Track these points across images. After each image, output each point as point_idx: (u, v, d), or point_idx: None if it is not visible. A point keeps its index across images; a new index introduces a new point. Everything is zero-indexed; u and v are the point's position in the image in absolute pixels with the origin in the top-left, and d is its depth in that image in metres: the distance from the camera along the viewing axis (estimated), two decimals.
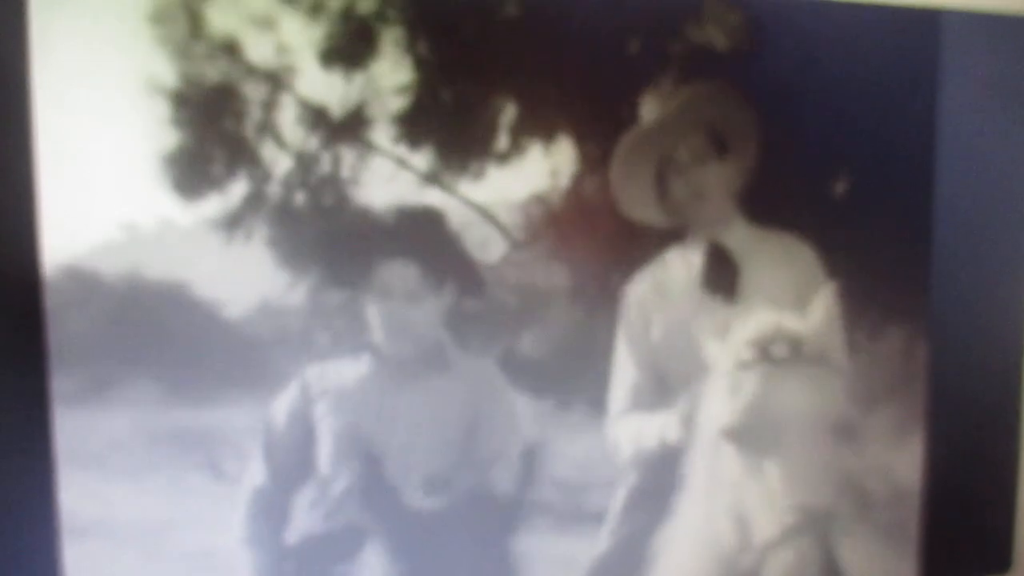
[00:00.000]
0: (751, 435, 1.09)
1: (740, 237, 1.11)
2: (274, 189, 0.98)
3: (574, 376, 1.08)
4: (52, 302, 0.93)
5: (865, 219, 1.16)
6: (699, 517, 1.12)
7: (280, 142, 0.97)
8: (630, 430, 1.10)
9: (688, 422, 1.11)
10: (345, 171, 0.99)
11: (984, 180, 1.21)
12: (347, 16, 0.97)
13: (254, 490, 1.01)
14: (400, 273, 1.02)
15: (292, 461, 1.02)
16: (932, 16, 1.16)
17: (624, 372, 1.10)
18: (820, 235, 1.14)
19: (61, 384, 0.94)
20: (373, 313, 1.02)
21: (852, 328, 1.16)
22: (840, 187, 1.14)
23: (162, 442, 0.97)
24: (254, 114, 0.96)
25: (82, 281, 0.93)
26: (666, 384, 1.11)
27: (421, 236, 1.02)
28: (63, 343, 0.94)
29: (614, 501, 1.10)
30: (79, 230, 0.92)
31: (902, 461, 1.20)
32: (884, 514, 1.20)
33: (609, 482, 1.10)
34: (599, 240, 1.06)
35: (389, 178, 1.00)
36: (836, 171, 1.14)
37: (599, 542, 1.10)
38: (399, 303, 1.02)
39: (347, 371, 1.03)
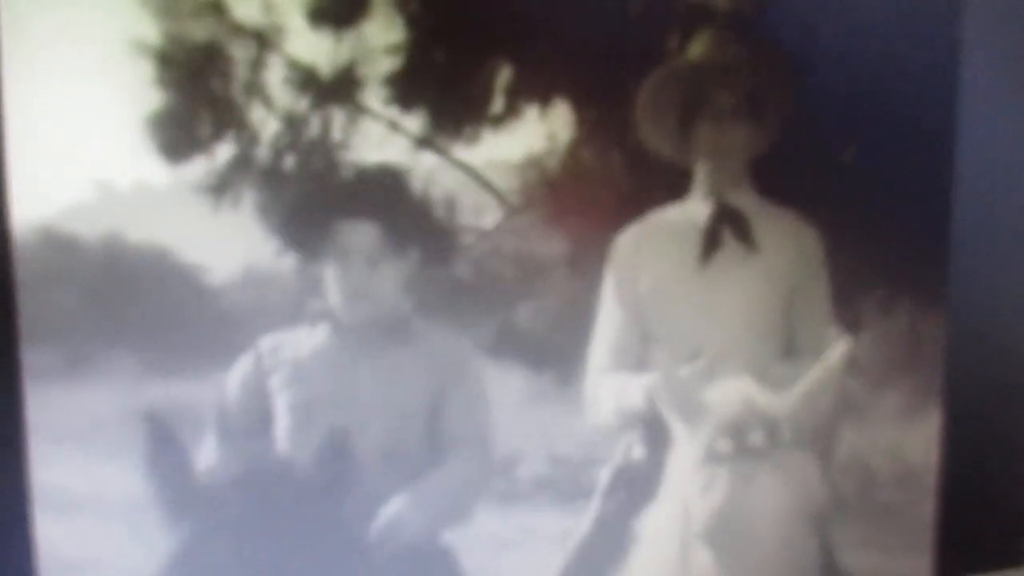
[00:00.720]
0: (724, 536, 0.97)
1: (747, 203, 1.06)
2: (262, 152, 0.95)
3: (573, 349, 1.05)
4: (24, 268, 0.91)
5: (882, 197, 1.12)
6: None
7: (268, 104, 0.95)
8: (611, 388, 1.06)
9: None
10: (335, 134, 0.96)
11: (1005, 159, 1.17)
12: None
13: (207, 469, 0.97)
14: (360, 233, 0.98)
15: (248, 438, 0.99)
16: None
17: (608, 321, 1.05)
18: (828, 211, 1.09)
19: (36, 356, 0.93)
20: (331, 277, 0.98)
21: (861, 306, 1.11)
22: (857, 163, 1.10)
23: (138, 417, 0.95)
24: (241, 74, 0.94)
25: (58, 245, 0.92)
26: (649, 341, 1.06)
27: (382, 196, 0.98)
28: (38, 311, 0.92)
29: (599, 480, 1.07)
30: (54, 193, 0.91)
31: (915, 443, 1.16)
32: (895, 501, 1.15)
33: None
34: (597, 205, 1.03)
35: (380, 141, 0.97)
36: (854, 147, 1.10)
37: (581, 523, 1.07)
38: (359, 266, 0.98)
39: (303, 341, 0.99)
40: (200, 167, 0.93)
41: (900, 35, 1.10)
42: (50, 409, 0.94)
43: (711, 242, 1.05)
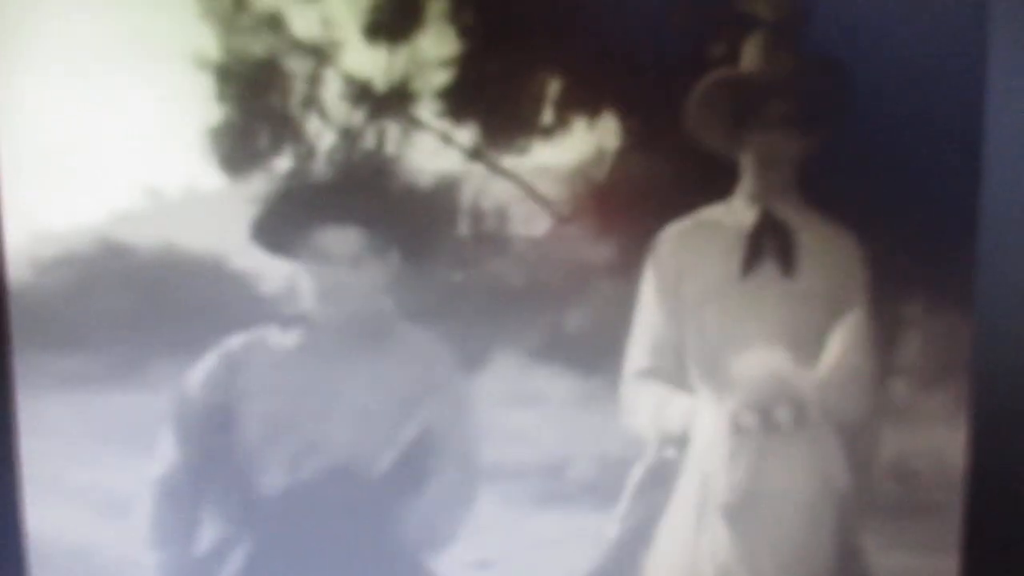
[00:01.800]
0: (743, 512, 0.97)
1: (792, 214, 1.07)
2: (318, 164, 0.97)
3: (621, 353, 1.07)
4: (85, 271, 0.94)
5: (910, 203, 1.13)
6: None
7: (324, 117, 0.97)
8: (649, 401, 1.06)
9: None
10: (389, 146, 0.98)
11: None
12: None
13: (162, 476, 0.97)
14: (343, 234, 0.96)
15: (209, 445, 0.98)
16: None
17: (646, 322, 1.06)
18: (862, 219, 1.10)
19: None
20: (307, 278, 0.97)
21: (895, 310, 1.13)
22: (886, 170, 1.12)
23: None
24: (299, 89, 0.96)
25: (115, 251, 0.94)
26: (685, 356, 1.06)
27: (367, 196, 0.97)
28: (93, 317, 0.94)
29: (629, 481, 1.07)
30: (110, 201, 0.93)
31: (949, 448, 1.18)
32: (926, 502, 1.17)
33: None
34: (643, 212, 1.04)
35: (433, 153, 0.99)
36: (881, 154, 1.11)
37: (610, 526, 1.08)
38: (339, 268, 0.96)
39: (274, 341, 0.98)
40: (260, 181, 0.95)
41: (928, 41, 1.12)
42: (99, 411, 0.96)
43: (753, 252, 1.06)
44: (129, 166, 0.94)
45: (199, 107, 0.94)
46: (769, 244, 1.06)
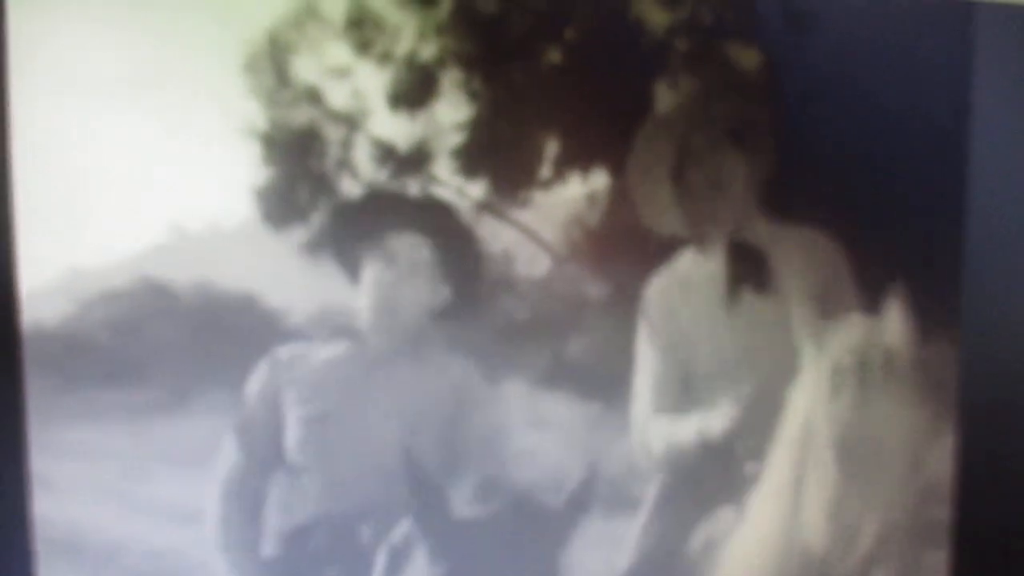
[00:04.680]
0: (852, 443, 1.11)
1: (762, 234, 1.17)
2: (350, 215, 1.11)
3: (617, 379, 1.20)
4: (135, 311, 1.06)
5: (894, 216, 1.19)
6: (781, 519, 1.16)
7: (355, 175, 1.11)
8: (661, 430, 1.18)
9: (736, 418, 1.17)
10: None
11: (1019, 177, 1.19)
12: (411, 64, 1.11)
13: (228, 476, 1.09)
14: (407, 243, 1.09)
15: (265, 445, 1.10)
16: (966, 8, 1.16)
17: (647, 369, 1.18)
18: (845, 232, 1.17)
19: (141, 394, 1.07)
20: (366, 283, 1.09)
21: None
22: (869, 183, 1.18)
23: None
24: (333, 152, 1.10)
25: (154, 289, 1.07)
26: (690, 382, 1.20)
27: (433, 217, 1.10)
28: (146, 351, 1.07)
29: (646, 497, 1.19)
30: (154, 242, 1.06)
31: (934, 464, 1.23)
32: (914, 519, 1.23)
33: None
34: (631, 253, 1.18)
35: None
36: (865, 166, 1.18)
37: (627, 545, 1.18)
38: (398, 274, 1.08)
39: (320, 352, 1.10)
40: (300, 232, 1.09)
41: (911, 51, 1.16)
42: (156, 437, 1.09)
43: (731, 286, 1.18)
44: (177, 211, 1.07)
45: (248, 171, 1.07)
46: (742, 270, 1.17)
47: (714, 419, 1.19)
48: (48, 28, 1.02)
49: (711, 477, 1.19)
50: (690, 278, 1.19)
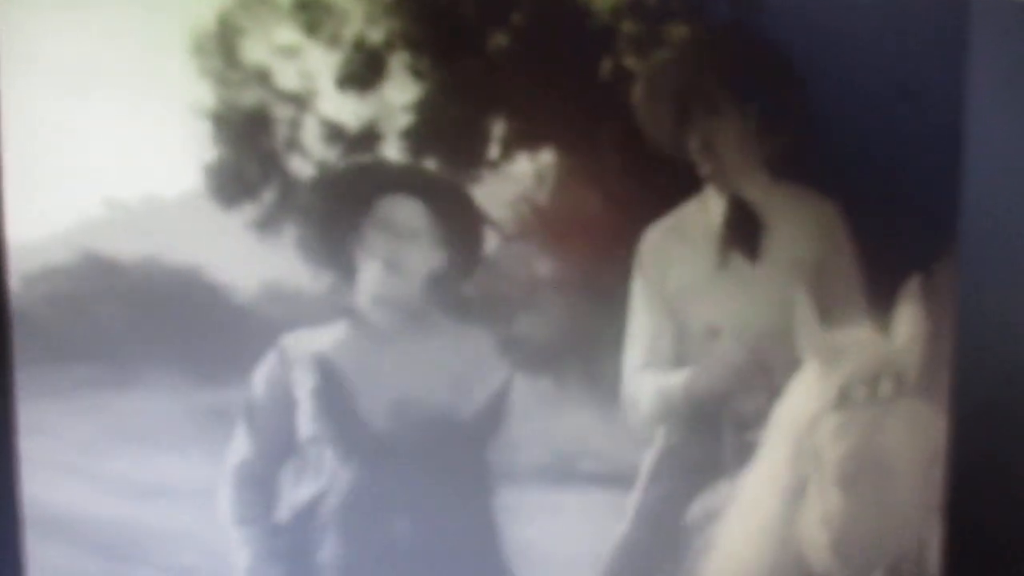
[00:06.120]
0: (859, 477, 1.07)
1: (760, 194, 1.15)
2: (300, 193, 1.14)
3: (568, 356, 1.22)
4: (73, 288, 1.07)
5: (889, 209, 1.18)
6: (775, 521, 1.12)
7: (305, 155, 1.13)
8: (650, 386, 1.16)
9: (725, 377, 1.13)
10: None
11: (1014, 170, 1.18)
12: (359, 46, 1.14)
13: (239, 463, 1.12)
14: (405, 208, 1.11)
15: (276, 433, 1.12)
16: (962, 1, 1.15)
17: (640, 322, 1.17)
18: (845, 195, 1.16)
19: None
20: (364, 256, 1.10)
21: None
22: (861, 178, 1.17)
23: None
24: (283, 132, 1.12)
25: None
26: (683, 338, 1.18)
27: (431, 181, 1.12)
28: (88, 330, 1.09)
29: (641, 467, 1.18)
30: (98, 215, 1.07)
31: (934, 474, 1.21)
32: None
33: (599, 452, 1.24)
34: (585, 231, 1.21)
35: None
36: (858, 161, 1.17)
37: (623, 516, 1.18)
38: (397, 243, 1.10)
39: (324, 334, 1.12)
40: (250, 209, 1.12)
41: (907, 31, 1.14)
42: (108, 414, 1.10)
43: (726, 243, 1.17)
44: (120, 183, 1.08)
45: (196, 149, 1.10)
46: (737, 232, 1.16)
47: (701, 373, 1.18)
48: None
49: (702, 445, 1.18)
50: (685, 230, 1.18)
